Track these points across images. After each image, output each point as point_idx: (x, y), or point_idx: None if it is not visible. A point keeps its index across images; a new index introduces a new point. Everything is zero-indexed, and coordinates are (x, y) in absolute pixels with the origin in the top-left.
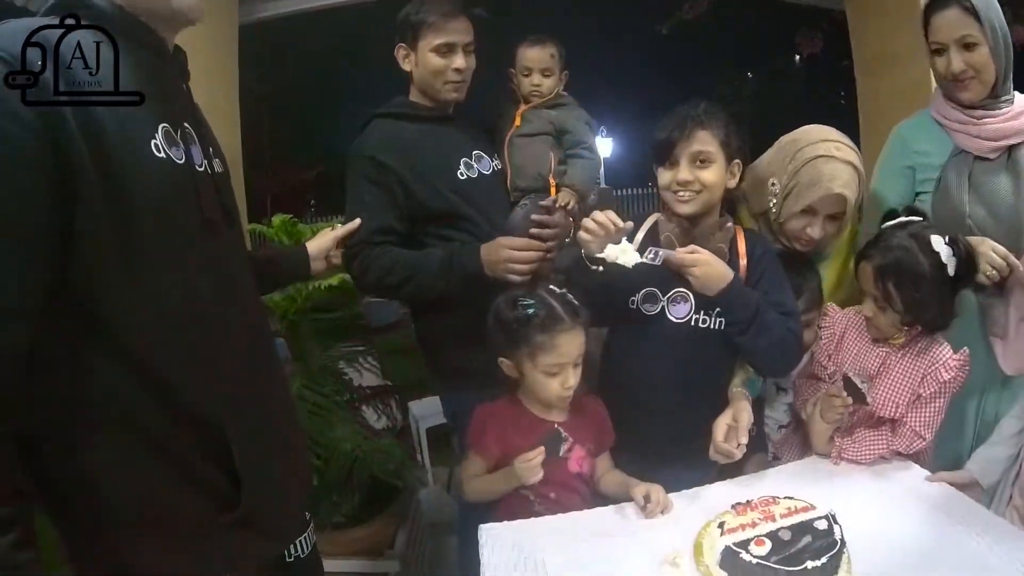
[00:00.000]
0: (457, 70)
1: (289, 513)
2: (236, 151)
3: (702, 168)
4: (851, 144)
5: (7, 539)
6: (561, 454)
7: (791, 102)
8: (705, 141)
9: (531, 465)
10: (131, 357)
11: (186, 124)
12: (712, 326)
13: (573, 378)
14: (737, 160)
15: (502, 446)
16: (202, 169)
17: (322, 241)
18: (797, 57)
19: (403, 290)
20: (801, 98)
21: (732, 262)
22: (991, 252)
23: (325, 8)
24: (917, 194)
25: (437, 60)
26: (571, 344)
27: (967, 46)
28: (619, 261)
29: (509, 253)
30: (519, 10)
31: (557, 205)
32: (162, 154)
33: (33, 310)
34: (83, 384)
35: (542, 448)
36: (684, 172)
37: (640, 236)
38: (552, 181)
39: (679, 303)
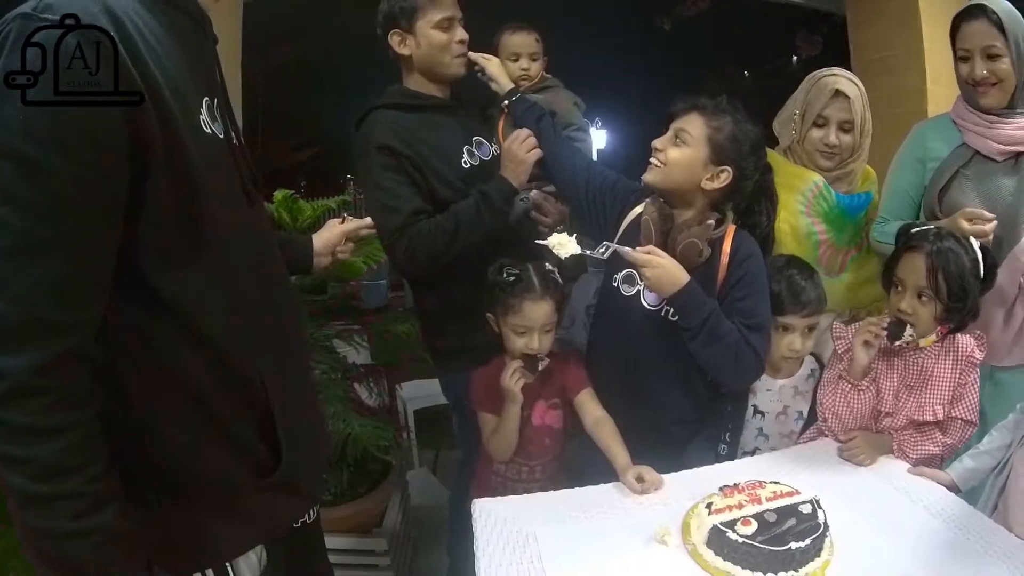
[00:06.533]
0: (461, 42)
1: (318, 474)
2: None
3: (676, 145)
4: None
5: (111, 509)
6: (540, 368)
7: (785, 102)
8: (692, 123)
9: (512, 378)
10: (187, 328)
11: (217, 97)
12: None
13: (537, 342)
14: (726, 168)
15: (494, 404)
16: (236, 143)
17: (329, 235)
18: (795, 58)
19: (455, 245)
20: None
21: (714, 259)
22: (964, 222)
23: None
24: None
25: (441, 36)
26: (535, 311)
27: (991, 56)
28: (555, 251)
29: (517, 145)
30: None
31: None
32: (208, 130)
33: (109, 280)
34: (140, 353)
35: (519, 361)
36: (661, 139)
37: (629, 219)
38: None
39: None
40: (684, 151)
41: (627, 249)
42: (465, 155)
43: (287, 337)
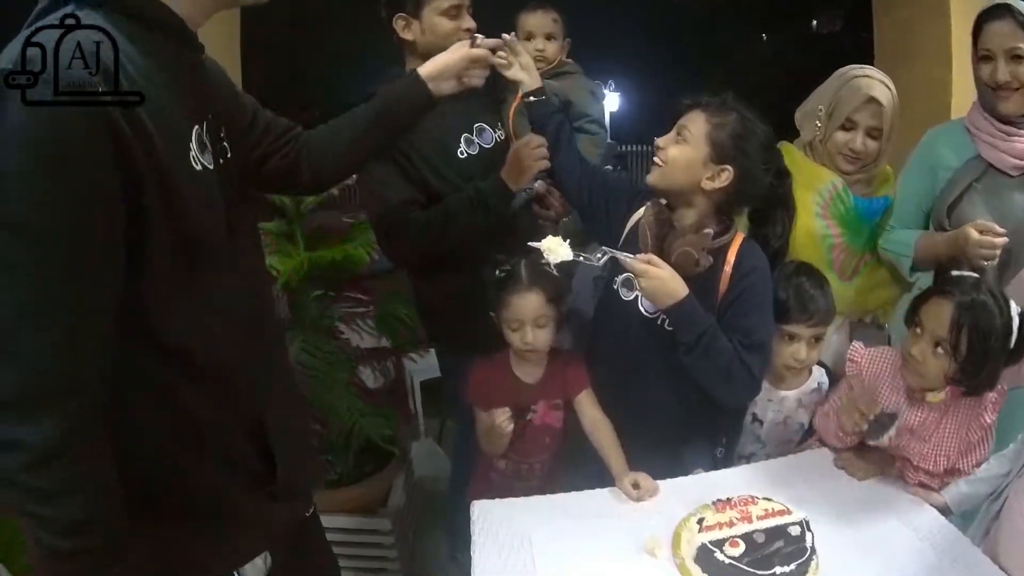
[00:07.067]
0: (468, 30)
1: (309, 477)
2: None
3: (676, 143)
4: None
5: (133, 556)
6: (528, 417)
7: (804, 72)
8: (693, 121)
9: (499, 424)
10: (186, 363)
11: (209, 115)
12: None
13: (531, 335)
14: (727, 167)
15: (490, 402)
16: (222, 162)
17: (450, 58)
18: (814, 23)
19: (445, 241)
20: (815, 68)
21: (716, 270)
22: (974, 232)
23: None
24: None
25: (447, 23)
26: (522, 304)
27: (1015, 58)
28: (546, 256)
29: (526, 151)
30: None
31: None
32: (199, 166)
33: (113, 330)
34: (142, 390)
35: (506, 409)
36: (663, 138)
37: (633, 221)
38: None
39: None
40: (684, 149)
41: (624, 257)
42: (463, 144)
43: (276, 354)
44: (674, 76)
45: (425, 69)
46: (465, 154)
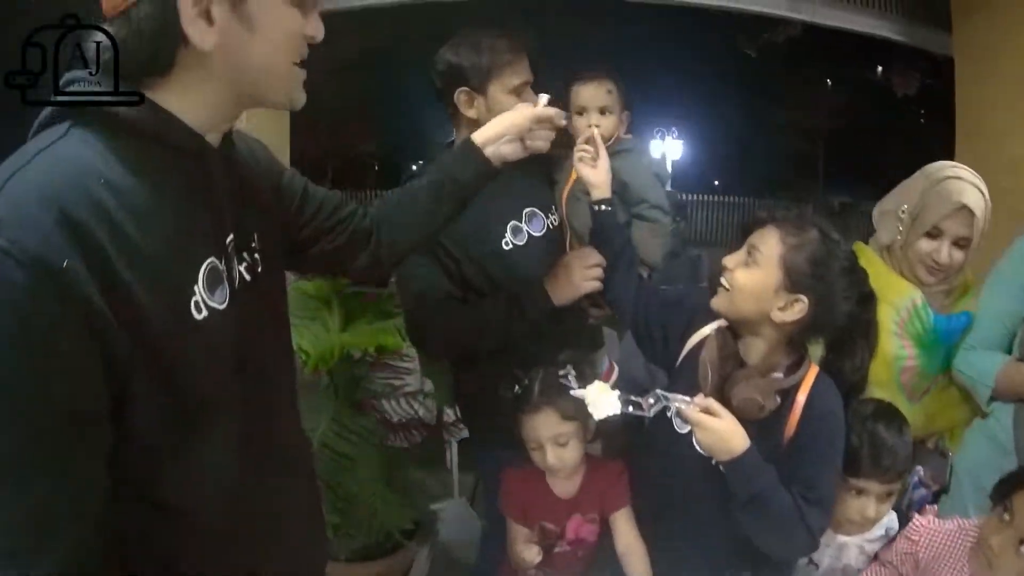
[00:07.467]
0: None
1: None
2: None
3: (746, 266)
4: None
5: None
6: (557, 550)
7: (869, 120)
8: (766, 240)
9: (526, 560)
10: (167, 514)
11: (232, 234)
12: None
13: (552, 456)
14: (802, 297)
15: (525, 516)
16: (250, 279)
17: (513, 118)
18: (879, 69)
19: (478, 345)
20: (881, 119)
21: (782, 409)
22: None
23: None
24: None
25: (514, 101)
26: (536, 424)
27: None
28: (590, 411)
29: (580, 268)
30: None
31: None
32: (203, 312)
33: (103, 492)
34: (119, 531)
35: (537, 548)
36: (731, 257)
37: (693, 342)
38: None
39: None
40: (753, 274)
41: (682, 405)
42: (508, 234)
43: (291, 492)
44: (737, 123)
45: (481, 135)
46: (511, 245)
